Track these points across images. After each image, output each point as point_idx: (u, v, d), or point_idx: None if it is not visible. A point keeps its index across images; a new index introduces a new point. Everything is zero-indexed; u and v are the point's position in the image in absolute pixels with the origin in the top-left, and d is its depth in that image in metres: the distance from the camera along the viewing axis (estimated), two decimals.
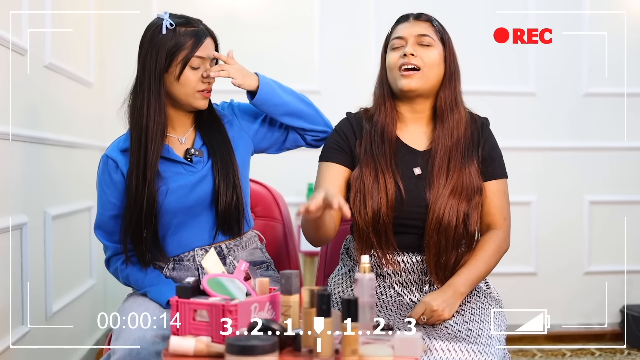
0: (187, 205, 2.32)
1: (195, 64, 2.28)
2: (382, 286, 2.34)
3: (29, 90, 3.04)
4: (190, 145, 2.39)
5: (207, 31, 2.33)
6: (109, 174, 2.34)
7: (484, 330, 2.15)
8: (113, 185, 2.34)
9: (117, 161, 2.33)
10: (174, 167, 2.34)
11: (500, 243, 2.35)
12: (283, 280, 1.88)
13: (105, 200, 2.35)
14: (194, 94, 2.30)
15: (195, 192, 2.32)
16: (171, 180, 2.31)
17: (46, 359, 3.15)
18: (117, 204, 2.33)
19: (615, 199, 4.51)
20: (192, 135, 2.41)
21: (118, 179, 2.33)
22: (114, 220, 2.35)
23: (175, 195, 2.31)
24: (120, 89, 4.06)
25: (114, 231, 2.36)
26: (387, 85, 2.39)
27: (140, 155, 2.28)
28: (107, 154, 2.37)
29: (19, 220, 2.87)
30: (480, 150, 2.38)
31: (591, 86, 4.47)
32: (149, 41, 2.31)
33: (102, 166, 2.37)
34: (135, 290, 2.40)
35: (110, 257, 2.40)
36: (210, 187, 2.34)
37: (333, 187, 2.33)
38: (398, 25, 2.41)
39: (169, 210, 2.31)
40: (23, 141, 2.93)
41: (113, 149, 2.38)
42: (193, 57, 2.27)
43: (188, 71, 2.28)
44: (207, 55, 2.30)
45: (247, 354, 1.63)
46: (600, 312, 4.50)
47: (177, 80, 2.28)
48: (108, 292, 4.19)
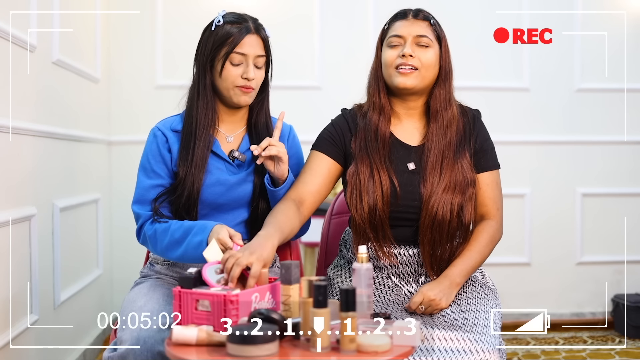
0: (220, 202, 2.36)
1: (235, 60, 2.32)
2: (380, 277, 2.36)
3: (38, 86, 3.08)
4: (237, 146, 2.43)
5: (254, 29, 2.35)
6: (157, 145, 2.38)
7: (479, 319, 2.17)
8: (160, 157, 2.37)
9: (167, 137, 2.38)
10: (217, 161, 2.38)
11: (494, 233, 2.38)
12: (283, 270, 1.90)
13: (149, 170, 2.37)
14: (233, 89, 2.33)
15: (231, 193, 2.37)
16: (210, 174, 2.35)
17: (54, 348, 3.19)
18: (161, 174, 2.36)
19: (607, 192, 4.54)
20: (240, 135, 2.45)
21: (165, 153, 2.37)
22: (154, 190, 2.35)
23: (211, 189, 2.35)
24: (126, 85, 4.12)
25: (150, 200, 2.35)
26: (381, 81, 2.40)
27: (189, 141, 2.34)
28: (159, 127, 2.41)
29: (28, 212, 2.91)
30: (473, 143, 2.39)
31: (583, 82, 4.49)
32: (202, 37, 2.38)
33: (151, 137, 2.40)
34: (165, 251, 2.31)
35: (143, 223, 2.35)
36: (249, 191, 2.38)
37: (316, 176, 2.36)
38: (396, 21, 2.40)
39: (202, 201, 2.35)
40: (32, 135, 2.97)
41: (165, 125, 2.42)
42: (232, 53, 2.31)
43: (229, 66, 2.32)
44: (248, 52, 2.32)
45: (248, 342, 1.68)
46: (593, 302, 4.55)
47: (220, 75, 2.34)
48: (114, 281, 4.23)
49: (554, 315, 4.45)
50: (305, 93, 4.38)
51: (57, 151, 3.31)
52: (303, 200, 2.33)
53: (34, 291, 2.95)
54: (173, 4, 4.27)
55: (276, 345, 1.72)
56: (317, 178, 2.37)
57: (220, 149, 2.39)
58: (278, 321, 1.78)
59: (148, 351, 2.07)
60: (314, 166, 2.39)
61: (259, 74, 2.36)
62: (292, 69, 4.34)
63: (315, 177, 2.37)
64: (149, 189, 2.35)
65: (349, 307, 1.74)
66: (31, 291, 2.94)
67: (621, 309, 4.29)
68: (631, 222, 4.39)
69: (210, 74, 2.36)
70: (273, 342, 1.71)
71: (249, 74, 2.32)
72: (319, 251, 2.85)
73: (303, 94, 4.37)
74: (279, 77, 2.41)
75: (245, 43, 2.32)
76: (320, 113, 3.02)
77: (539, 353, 3.95)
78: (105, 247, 4.10)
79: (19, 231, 2.84)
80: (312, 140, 2.46)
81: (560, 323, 4.40)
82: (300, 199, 2.33)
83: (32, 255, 2.96)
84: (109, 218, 4.15)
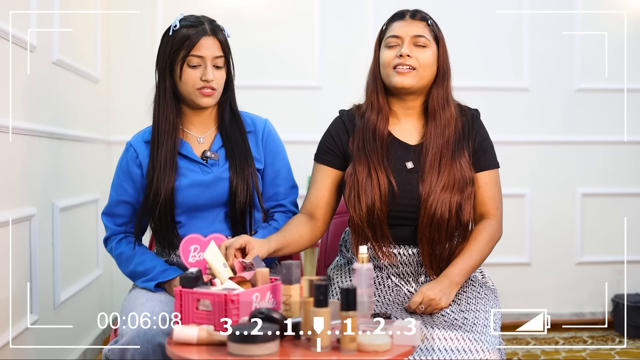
0: (199, 203, 2.39)
1: (193, 63, 2.35)
2: (380, 277, 2.37)
3: (38, 86, 3.08)
4: (209, 145, 2.46)
5: (210, 31, 2.37)
6: (127, 162, 2.45)
7: (479, 319, 2.17)
8: (128, 173, 2.43)
9: (138, 152, 2.43)
10: (190, 164, 2.41)
11: (493, 232, 2.38)
12: (284, 270, 1.91)
13: (118, 185, 2.46)
14: (194, 92, 2.36)
15: (208, 192, 2.39)
16: (184, 177, 2.38)
17: (54, 348, 3.19)
18: (129, 191, 2.43)
19: (606, 192, 4.54)
20: (212, 135, 2.47)
21: (134, 169, 2.43)
22: (121, 205, 2.45)
23: (188, 192, 2.38)
24: (126, 85, 4.12)
25: (118, 215, 2.46)
26: (380, 81, 2.40)
27: (155, 147, 2.38)
28: (132, 142, 2.47)
29: (28, 212, 2.92)
30: (472, 142, 2.39)
31: (583, 82, 4.49)
32: (160, 43, 2.42)
33: (124, 153, 2.47)
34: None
35: (109, 236, 2.48)
36: (226, 189, 2.40)
37: (322, 188, 2.42)
38: (394, 22, 2.40)
39: (180, 205, 2.38)
40: (32, 135, 2.98)
41: (138, 138, 2.47)
42: (189, 55, 2.34)
43: (187, 69, 2.35)
44: (205, 54, 2.34)
45: (249, 342, 1.68)
46: (593, 302, 4.55)
47: (180, 79, 2.36)
48: (114, 281, 4.23)
49: (554, 315, 4.45)
50: (305, 93, 4.38)
51: (57, 151, 3.32)
52: (312, 214, 2.42)
53: (34, 291, 2.96)
54: (173, 4, 4.27)
55: (277, 344, 1.72)
56: (322, 191, 2.43)
57: (192, 152, 2.42)
58: (279, 321, 1.78)
59: (148, 342, 2.09)
60: (317, 179, 2.44)
61: (218, 75, 2.39)
62: (292, 69, 4.35)
63: (320, 190, 2.43)
64: (116, 204, 2.46)
65: (350, 307, 1.74)
66: (31, 291, 2.94)
67: (621, 309, 4.29)
68: (631, 222, 4.40)
69: (171, 79, 2.40)
70: (274, 342, 1.71)
71: (207, 76, 2.34)
72: (319, 251, 2.86)
73: (303, 94, 4.37)
74: (279, 77, 2.40)
75: (201, 45, 2.35)
76: (320, 113, 3.02)
77: (539, 353, 3.95)
78: None
79: (19, 231, 2.84)
80: (313, 140, 2.46)
81: (560, 323, 4.40)
82: (310, 214, 2.42)
83: (32, 255, 2.96)
84: None
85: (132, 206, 2.45)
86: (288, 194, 2.53)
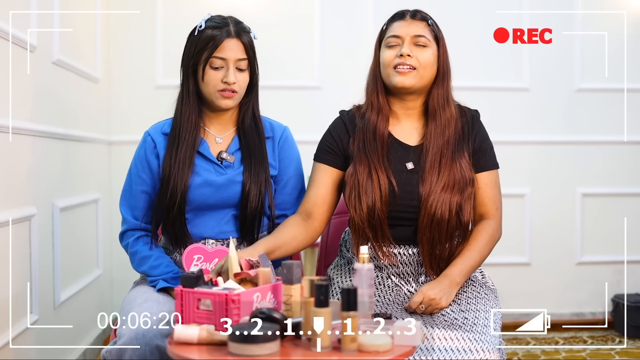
0: (209, 203, 2.39)
1: (215, 64, 2.34)
2: (380, 277, 2.37)
3: (38, 86, 3.08)
4: (226, 146, 2.45)
5: (234, 32, 2.36)
6: (145, 151, 2.44)
7: (479, 319, 2.18)
8: (146, 162, 2.43)
9: (156, 142, 2.43)
10: (205, 163, 2.41)
11: (493, 232, 2.38)
12: (285, 270, 1.91)
13: (135, 174, 2.44)
14: (215, 93, 2.36)
15: (220, 193, 2.39)
16: (197, 175, 2.38)
17: (54, 348, 3.20)
18: (146, 180, 2.43)
19: (606, 192, 4.54)
20: (230, 136, 2.47)
21: (152, 159, 2.43)
22: (139, 195, 2.43)
23: (199, 190, 2.38)
24: (126, 85, 4.12)
25: (137, 206, 2.44)
26: (380, 81, 2.41)
27: (175, 146, 2.38)
28: (150, 132, 2.46)
29: (28, 212, 2.92)
30: (471, 143, 2.40)
31: (583, 82, 4.49)
32: (186, 43, 2.42)
33: (141, 142, 2.46)
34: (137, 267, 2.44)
35: (126, 230, 2.45)
36: (238, 191, 2.40)
37: (320, 188, 2.42)
38: (394, 22, 2.41)
39: (189, 202, 2.38)
40: (32, 135, 2.98)
41: (156, 129, 2.47)
42: (212, 57, 2.33)
43: (209, 71, 2.35)
44: (228, 56, 2.34)
45: (250, 341, 1.68)
46: (593, 302, 4.55)
47: (202, 80, 2.36)
48: (114, 281, 4.24)
49: (554, 315, 4.45)
50: (305, 93, 4.38)
51: (57, 151, 3.32)
52: (310, 213, 2.41)
53: (34, 291, 2.96)
54: (173, 4, 4.28)
55: (277, 344, 1.72)
56: (321, 189, 2.42)
57: (208, 151, 2.42)
58: (279, 320, 1.78)
59: (146, 345, 2.09)
60: (316, 178, 2.44)
61: (241, 77, 2.38)
62: (292, 69, 4.35)
63: (319, 189, 2.42)
64: (135, 194, 2.44)
65: (350, 307, 1.74)
66: (31, 291, 2.94)
67: (621, 309, 4.30)
68: (631, 222, 4.40)
69: (194, 79, 2.39)
70: (274, 342, 1.71)
71: (229, 78, 2.34)
72: (319, 251, 2.86)
73: (303, 94, 4.37)
74: (279, 77, 2.41)
75: (224, 47, 2.34)
76: (320, 113, 3.02)
77: (539, 353, 3.96)
78: (105, 247, 4.10)
79: (19, 231, 2.84)
80: (312, 139, 2.46)
81: (560, 323, 4.41)
82: (307, 213, 2.41)
83: (32, 255, 2.97)
84: (108, 218, 4.15)
85: (150, 196, 2.44)
86: (294, 204, 2.51)
